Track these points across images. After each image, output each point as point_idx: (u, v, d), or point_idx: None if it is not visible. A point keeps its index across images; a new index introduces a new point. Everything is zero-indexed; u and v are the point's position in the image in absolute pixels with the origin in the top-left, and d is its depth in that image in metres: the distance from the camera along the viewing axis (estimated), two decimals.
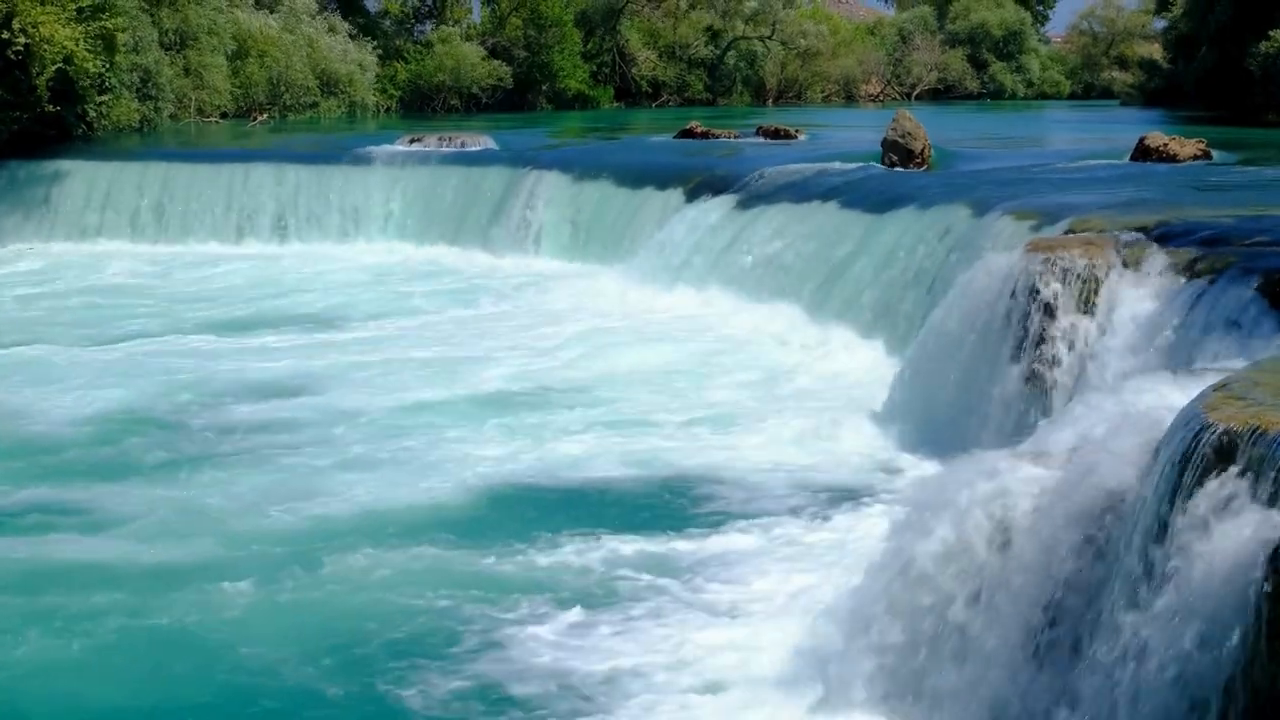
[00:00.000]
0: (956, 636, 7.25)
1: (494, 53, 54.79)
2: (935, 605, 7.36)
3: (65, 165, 28.87)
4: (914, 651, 7.37)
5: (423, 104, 52.77)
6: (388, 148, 30.01)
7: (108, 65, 31.47)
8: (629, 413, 13.99)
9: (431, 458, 12.39)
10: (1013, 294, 11.56)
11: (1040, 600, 6.96)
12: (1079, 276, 11.26)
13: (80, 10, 29.68)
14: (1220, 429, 6.11)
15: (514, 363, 16.44)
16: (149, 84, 36.10)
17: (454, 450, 12.64)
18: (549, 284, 22.42)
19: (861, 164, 23.05)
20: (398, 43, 55.04)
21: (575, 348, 17.28)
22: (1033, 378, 11.26)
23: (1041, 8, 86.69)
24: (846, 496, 11.27)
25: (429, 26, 57.12)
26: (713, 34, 63.86)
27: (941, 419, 12.15)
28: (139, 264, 25.45)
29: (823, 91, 68.80)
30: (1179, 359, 9.92)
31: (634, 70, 61.77)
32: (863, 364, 15.37)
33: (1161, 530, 6.21)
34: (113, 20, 30.97)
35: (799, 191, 20.86)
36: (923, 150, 23.20)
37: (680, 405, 14.26)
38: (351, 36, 50.53)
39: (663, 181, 24.01)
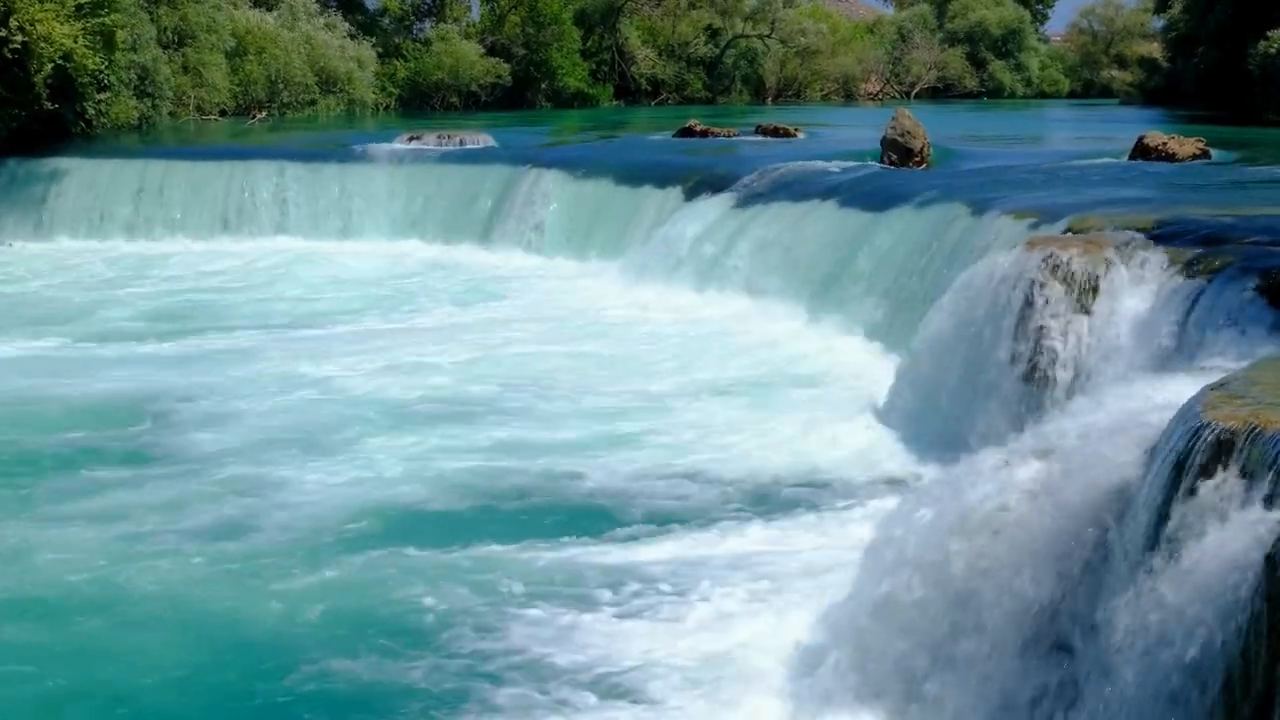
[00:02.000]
0: (954, 635, 7.25)
1: (493, 51, 54.78)
2: (933, 603, 7.36)
3: (63, 163, 28.86)
4: (911, 650, 7.37)
5: (421, 102, 52.75)
6: (387, 146, 30.03)
7: (106, 63, 31.44)
8: (613, 412, 13.93)
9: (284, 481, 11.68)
10: (1011, 293, 11.55)
11: (1038, 598, 6.96)
12: (1077, 275, 11.25)
13: (79, 7, 29.64)
14: (1218, 428, 6.11)
15: (487, 364, 16.26)
16: (148, 81, 36.09)
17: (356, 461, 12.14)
18: (546, 282, 22.40)
19: (860, 163, 23.08)
20: (397, 40, 55.03)
21: (562, 346, 17.26)
22: (1031, 376, 11.26)
23: (1041, 6, 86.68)
24: (842, 496, 11.24)
25: (428, 24, 57.09)
26: (712, 32, 63.82)
27: (940, 417, 12.16)
28: (109, 263, 25.23)
29: (822, 90, 68.76)
30: (1177, 358, 9.91)
31: (633, 68, 61.73)
32: (861, 363, 15.36)
33: (1159, 529, 6.21)
34: (111, 17, 30.91)
35: (798, 190, 20.86)
36: (922, 149, 23.21)
37: (674, 404, 14.23)
38: (350, 34, 50.52)
39: (662, 180, 24.01)
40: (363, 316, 19.80)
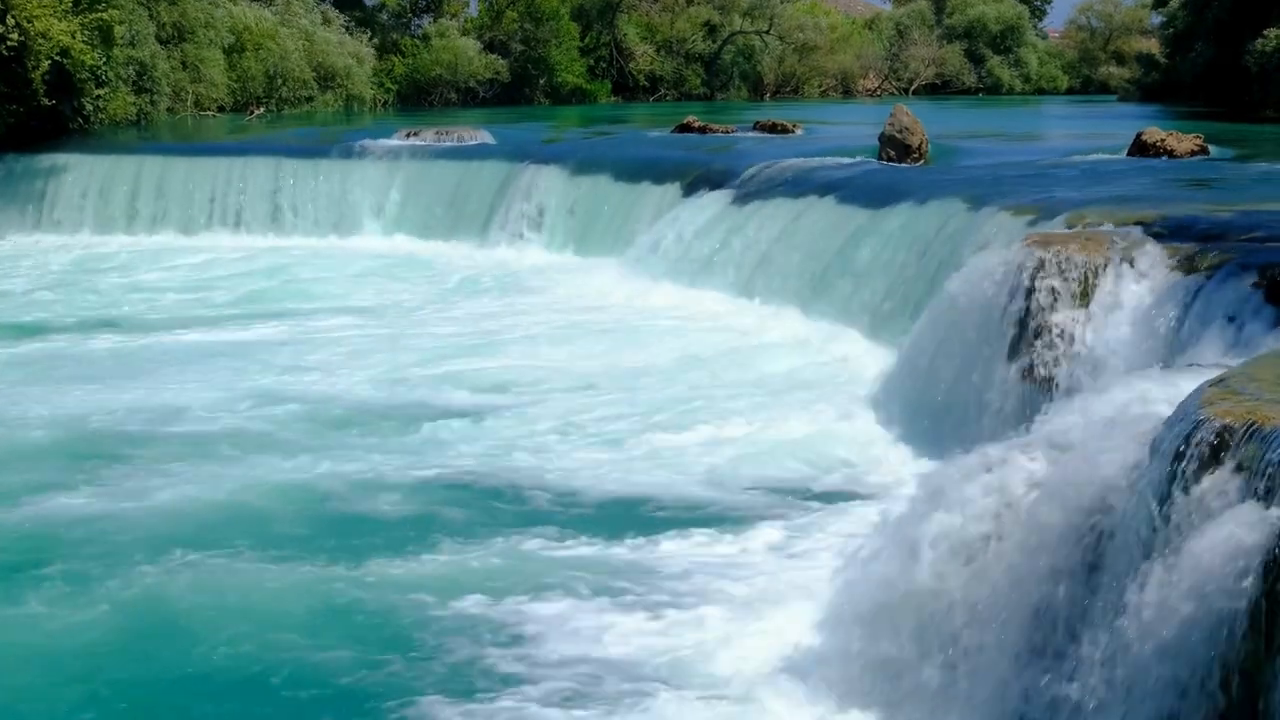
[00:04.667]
0: (951, 634, 7.24)
1: (490, 47, 54.77)
2: (931, 601, 7.35)
3: (61, 159, 28.88)
4: (905, 650, 7.37)
5: (419, 98, 52.74)
6: (384, 142, 29.99)
7: (104, 58, 31.44)
8: (609, 409, 13.90)
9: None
10: (1010, 289, 11.54)
11: (1036, 596, 6.95)
12: (1076, 271, 11.25)
13: (76, 3, 29.64)
14: (1216, 424, 6.11)
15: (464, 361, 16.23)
16: (145, 77, 36.09)
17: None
18: (542, 278, 22.35)
19: (859, 159, 23.03)
20: (394, 36, 55.03)
21: (558, 342, 17.24)
22: (1029, 373, 11.25)
23: (1039, 2, 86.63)
24: (839, 493, 11.26)
25: (426, 20, 57.07)
26: (710, 28, 63.78)
27: (937, 414, 12.14)
28: (85, 261, 25.16)
29: (820, 86, 68.76)
30: (1176, 354, 9.91)
31: (631, 65, 61.69)
32: (858, 359, 15.35)
33: (1157, 525, 6.20)
34: (109, 13, 30.91)
35: (796, 186, 20.84)
36: (920, 145, 23.18)
37: (669, 400, 14.18)
38: (348, 30, 50.48)
39: (659, 176, 23.99)
40: (336, 314, 19.69)
